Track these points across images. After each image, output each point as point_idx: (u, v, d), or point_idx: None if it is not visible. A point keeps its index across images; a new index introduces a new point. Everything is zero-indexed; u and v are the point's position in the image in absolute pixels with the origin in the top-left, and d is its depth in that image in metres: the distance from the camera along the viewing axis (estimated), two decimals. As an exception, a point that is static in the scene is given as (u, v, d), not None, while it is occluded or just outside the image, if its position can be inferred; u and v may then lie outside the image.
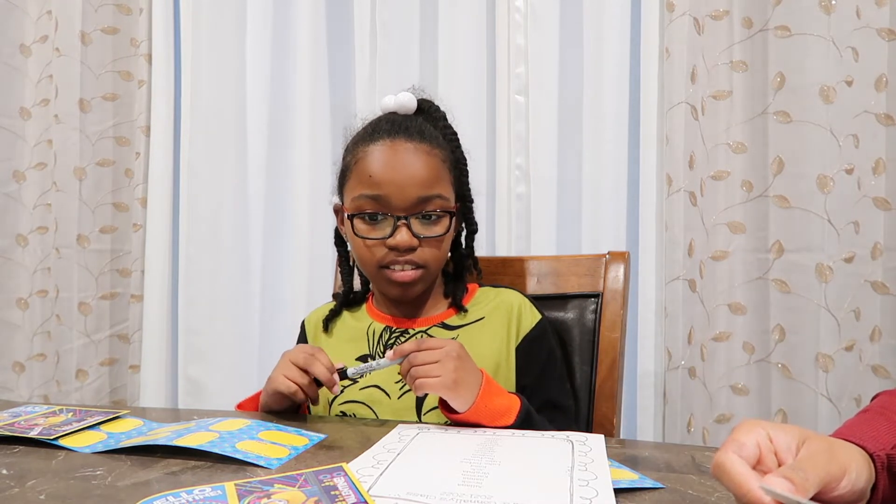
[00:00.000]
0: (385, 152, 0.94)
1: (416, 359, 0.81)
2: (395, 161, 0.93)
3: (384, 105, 1.03)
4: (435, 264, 0.98)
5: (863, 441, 0.53)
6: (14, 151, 1.86)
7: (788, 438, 0.50)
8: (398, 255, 0.94)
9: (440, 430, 0.79)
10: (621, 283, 1.11)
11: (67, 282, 1.80)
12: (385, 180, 0.92)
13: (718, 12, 1.39)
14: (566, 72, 1.58)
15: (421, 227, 0.94)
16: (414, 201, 0.93)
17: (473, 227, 1.05)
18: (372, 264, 0.96)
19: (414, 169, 0.93)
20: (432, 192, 0.94)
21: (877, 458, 0.52)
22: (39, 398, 1.83)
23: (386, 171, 0.93)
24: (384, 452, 0.69)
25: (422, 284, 0.98)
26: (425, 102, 1.03)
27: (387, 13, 1.67)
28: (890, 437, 0.55)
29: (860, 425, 0.56)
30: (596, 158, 1.57)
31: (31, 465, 0.67)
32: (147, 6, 1.83)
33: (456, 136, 1.03)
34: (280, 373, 0.88)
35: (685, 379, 1.44)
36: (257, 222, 1.80)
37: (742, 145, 1.38)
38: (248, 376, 1.79)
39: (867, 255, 1.31)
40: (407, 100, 1.01)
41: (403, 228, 0.92)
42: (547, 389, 0.97)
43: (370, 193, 0.93)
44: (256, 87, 1.79)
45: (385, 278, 0.96)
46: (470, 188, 1.03)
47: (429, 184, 0.94)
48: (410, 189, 0.92)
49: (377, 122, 1.00)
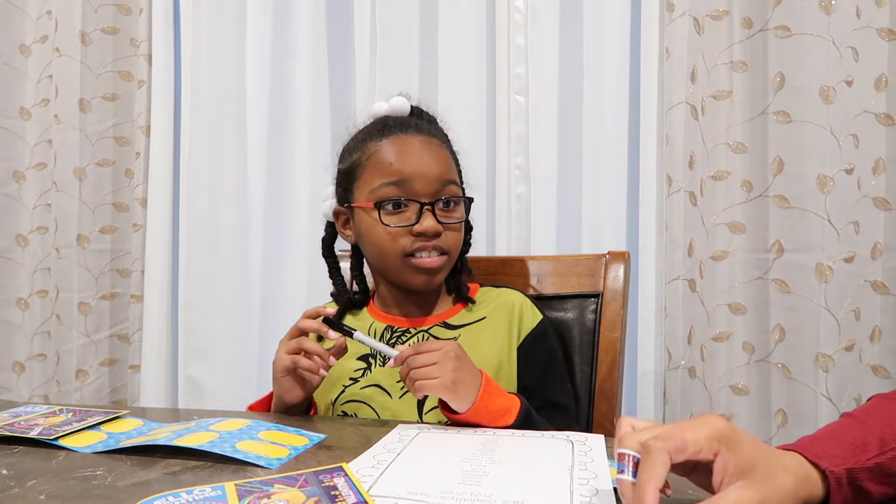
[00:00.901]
0: (402, 143, 0.96)
1: (415, 361, 0.81)
2: (413, 149, 0.96)
3: (376, 111, 1.04)
4: (455, 251, 0.99)
5: (817, 458, 0.53)
6: (14, 151, 1.86)
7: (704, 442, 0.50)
8: (426, 240, 0.94)
9: (440, 430, 0.79)
10: (621, 283, 1.11)
11: (67, 282, 1.80)
12: (407, 166, 0.94)
13: (718, 12, 1.39)
14: (566, 72, 1.59)
15: (442, 214, 0.96)
16: (435, 187, 0.95)
17: (469, 225, 1.06)
18: (396, 254, 0.95)
19: (432, 157, 0.96)
20: (450, 178, 0.97)
21: (830, 475, 0.52)
22: (39, 398, 1.83)
23: (406, 158, 0.95)
24: (384, 452, 0.69)
25: (444, 272, 0.99)
26: (416, 108, 1.05)
27: (387, 13, 1.67)
28: (855, 450, 0.54)
29: (827, 438, 0.56)
30: (596, 158, 1.57)
31: (31, 465, 0.67)
32: (147, 6, 1.83)
33: (448, 139, 1.05)
34: (280, 353, 0.89)
35: (685, 379, 1.44)
36: (257, 222, 1.80)
37: (742, 145, 1.38)
38: (248, 376, 1.79)
39: (867, 255, 1.31)
40: (401, 103, 1.03)
41: (429, 214, 0.93)
42: (548, 389, 0.97)
43: (393, 180, 0.94)
44: (256, 87, 1.79)
45: (411, 266, 0.96)
46: (464, 187, 1.05)
47: (446, 171, 0.97)
48: (432, 175, 0.94)
49: (382, 121, 1.01)
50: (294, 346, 0.88)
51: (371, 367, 0.98)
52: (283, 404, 0.91)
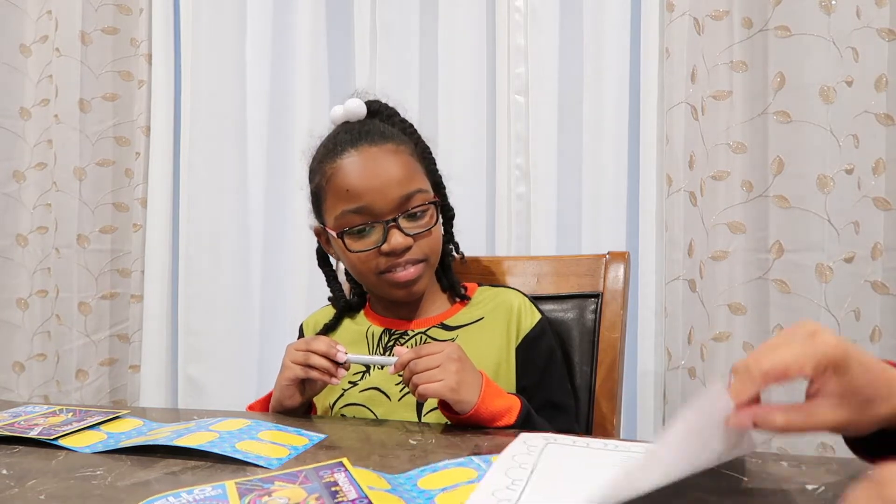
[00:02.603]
0: (355, 163, 0.94)
1: (417, 365, 0.81)
2: (367, 168, 0.93)
3: (333, 116, 1.02)
4: (433, 256, 0.98)
5: None
6: (14, 151, 1.86)
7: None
8: (396, 258, 0.94)
9: (568, 442, 0.71)
10: (621, 283, 1.11)
11: (67, 282, 1.80)
12: (363, 190, 0.92)
13: (718, 12, 1.39)
14: (566, 72, 1.58)
15: (409, 225, 0.94)
16: (397, 202, 0.93)
17: (451, 213, 1.05)
18: (371, 274, 0.96)
19: (388, 171, 0.93)
20: (412, 189, 0.94)
21: None
22: (39, 398, 1.83)
23: (362, 181, 0.93)
24: (516, 467, 0.63)
25: (425, 278, 0.98)
26: (374, 104, 1.02)
27: (387, 13, 1.67)
28: None
29: None
30: (596, 158, 1.57)
31: (31, 465, 0.67)
32: (147, 6, 1.83)
33: (413, 128, 1.02)
34: (287, 361, 0.88)
35: (685, 379, 1.44)
36: (257, 222, 1.80)
37: (742, 145, 1.38)
38: (248, 376, 1.79)
39: (867, 255, 1.31)
40: (355, 106, 1.00)
41: (394, 231, 0.92)
42: (547, 389, 0.97)
43: (352, 207, 0.93)
44: (256, 87, 1.79)
45: (388, 283, 0.96)
46: (440, 174, 1.03)
47: (406, 181, 0.94)
48: (390, 191, 0.92)
49: (335, 135, 0.99)
50: (301, 358, 0.87)
51: (370, 371, 0.98)
52: (282, 407, 0.91)
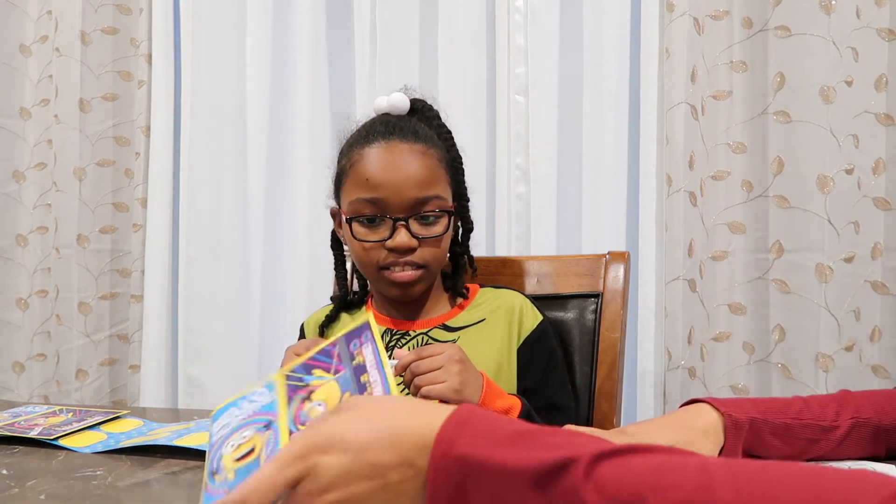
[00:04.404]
0: (381, 154, 0.94)
1: (419, 367, 0.80)
2: (391, 163, 0.93)
3: (377, 106, 1.02)
4: (435, 264, 0.98)
5: (723, 405, 0.57)
6: (14, 151, 1.86)
7: None
8: (398, 256, 0.93)
9: None
10: (621, 283, 1.11)
11: (67, 282, 1.80)
12: (382, 183, 0.92)
13: (718, 12, 1.39)
14: (566, 72, 1.58)
15: (419, 228, 0.94)
16: (411, 203, 0.92)
17: (469, 226, 1.05)
18: (371, 266, 0.96)
19: (410, 170, 0.93)
20: (430, 193, 0.93)
21: (727, 417, 0.55)
22: (39, 398, 1.83)
23: (382, 174, 0.92)
24: None
25: (422, 284, 0.98)
26: (418, 102, 1.02)
27: (387, 13, 1.67)
28: (766, 407, 0.58)
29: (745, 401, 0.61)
30: (596, 158, 1.57)
31: (31, 465, 0.67)
32: (147, 6, 1.82)
33: (450, 135, 1.02)
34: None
35: (685, 379, 1.44)
36: (257, 222, 1.80)
37: (742, 145, 1.38)
38: (248, 376, 1.78)
39: (867, 255, 1.31)
40: (399, 100, 1.00)
41: (402, 230, 0.92)
42: (548, 391, 0.97)
43: (367, 197, 0.93)
44: (256, 87, 1.79)
45: (385, 280, 0.96)
46: (466, 186, 1.03)
47: (426, 185, 0.93)
48: (407, 191, 0.92)
49: (371, 123, 0.99)
50: None
51: (370, 369, 0.98)
52: None
